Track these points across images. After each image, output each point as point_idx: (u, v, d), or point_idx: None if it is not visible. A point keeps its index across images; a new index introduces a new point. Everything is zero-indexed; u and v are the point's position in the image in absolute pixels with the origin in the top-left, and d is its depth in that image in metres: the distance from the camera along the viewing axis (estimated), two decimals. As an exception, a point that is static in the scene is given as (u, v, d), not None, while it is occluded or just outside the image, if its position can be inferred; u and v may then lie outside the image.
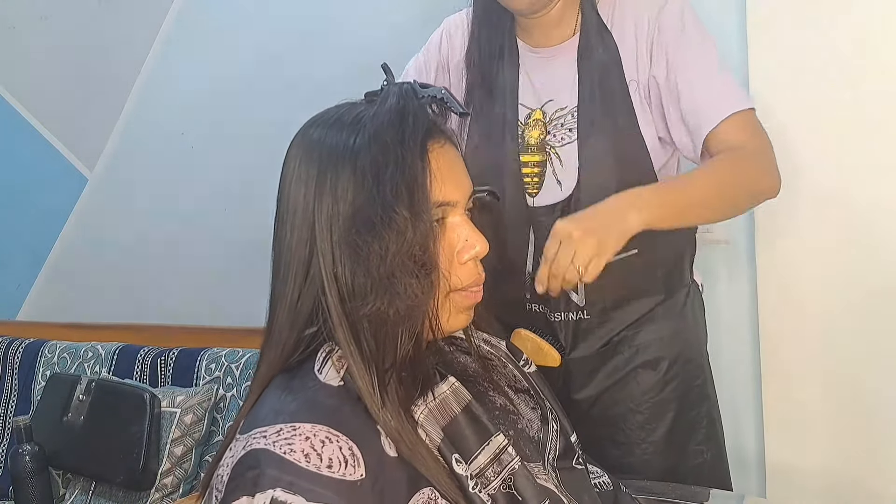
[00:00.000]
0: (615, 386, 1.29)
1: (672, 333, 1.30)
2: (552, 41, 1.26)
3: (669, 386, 1.29)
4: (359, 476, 0.69)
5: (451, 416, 0.79)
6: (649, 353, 1.28)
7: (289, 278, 0.77)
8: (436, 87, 0.82)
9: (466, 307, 0.82)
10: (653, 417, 1.28)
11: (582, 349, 1.28)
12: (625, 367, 1.28)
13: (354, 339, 0.74)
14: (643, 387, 1.28)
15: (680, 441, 1.30)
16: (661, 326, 1.29)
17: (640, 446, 1.28)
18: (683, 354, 1.31)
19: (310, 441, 0.69)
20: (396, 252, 0.72)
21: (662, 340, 1.29)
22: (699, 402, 1.32)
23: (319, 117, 0.81)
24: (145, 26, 2.21)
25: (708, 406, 1.34)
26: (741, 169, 1.15)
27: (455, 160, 0.81)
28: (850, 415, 1.51)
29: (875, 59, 1.43)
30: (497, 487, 0.78)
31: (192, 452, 1.84)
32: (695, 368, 1.32)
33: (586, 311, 1.26)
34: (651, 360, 1.28)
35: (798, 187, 1.49)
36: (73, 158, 2.42)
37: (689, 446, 1.31)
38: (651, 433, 1.28)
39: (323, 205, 0.74)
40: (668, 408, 1.29)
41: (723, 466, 1.36)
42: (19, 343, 2.33)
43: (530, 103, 1.27)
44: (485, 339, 0.93)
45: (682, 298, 1.33)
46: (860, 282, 1.47)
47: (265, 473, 0.67)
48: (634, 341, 1.29)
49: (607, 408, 1.29)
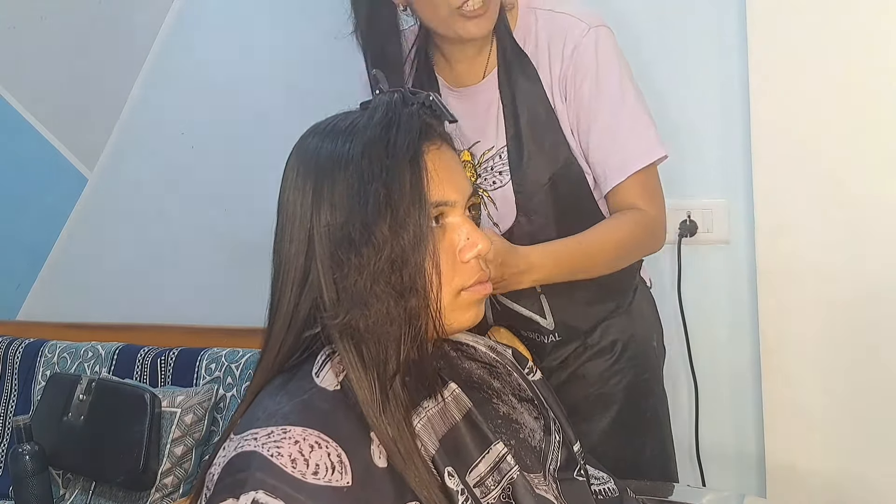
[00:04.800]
0: (566, 381, 1.33)
1: (619, 329, 1.34)
2: (472, 78, 1.24)
3: (615, 378, 1.32)
4: (345, 483, 0.69)
5: (452, 423, 0.80)
6: (597, 348, 1.33)
7: (287, 284, 0.78)
8: (425, 93, 0.82)
9: (475, 302, 0.83)
10: (598, 409, 1.32)
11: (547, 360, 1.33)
12: (574, 361, 1.33)
13: (354, 345, 0.74)
14: (590, 379, 1.33)
15: (623, 434, 1.33)
16: (609, 324, 1.34)
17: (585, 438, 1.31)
18: (629, 349, 1.34)
19: (298, 445, 0.69)
20: (372, 269, 0.73)
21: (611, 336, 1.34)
22: (645, 395, 1.35)
23: (317, 127, 0.82)
24: (145, 26, 2.21)
25: (654, 401, 1.37)
26: (636, 235, 1.22)
27: (452, 161, 0.82)
28: (850, 415, 1.51)
29: (875, 57, 1.43)
30: (497, 497, 0.78)
31: (192, 452, 1.84)
32: (642, 363, 1.35)
33: (556, 333, 1.31)
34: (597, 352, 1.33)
35: (798, 187, 1.49)
36: (73, 158, 2.41)
37: (631, 436, 1.34)
38: (596, 424, 1.32)
39: (321, 213, 0.76)
40: (614, 399, 1.33)
41: (666, 462, 1.39)
42: (19, 343, 2.32)
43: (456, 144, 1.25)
44: (490, 346, 0.93)
45: (630, 296, 1.36)
46: (860, 281, 1.47)
47: (252, 476, 0.68)
48: (587, 340, 1.33)
49: None
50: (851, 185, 1.46)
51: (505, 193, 1.24)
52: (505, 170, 1.23)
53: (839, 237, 1.48)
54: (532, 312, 1.30)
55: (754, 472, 1.66)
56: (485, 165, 1.24)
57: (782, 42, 1.48)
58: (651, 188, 1.22)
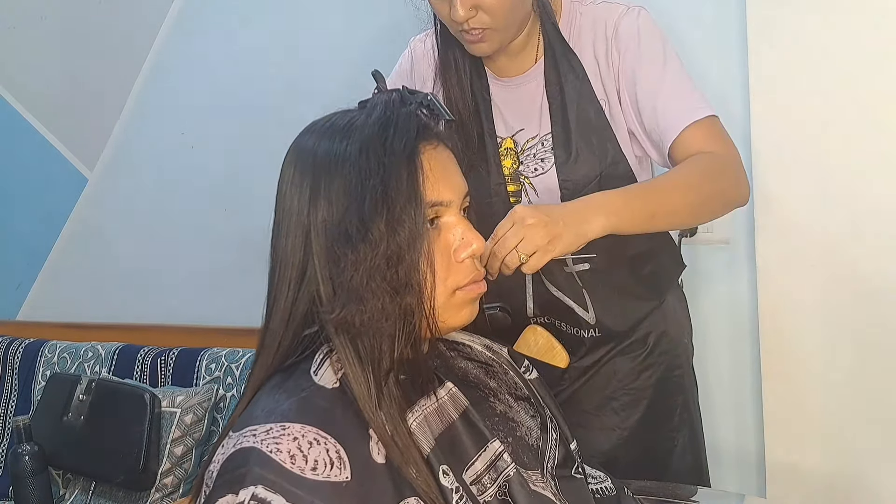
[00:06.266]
0: (594, 375, 1.32)
1: (652, 324, 1.33)
2: (517, 70, 1.24)
3: (645, 374, 1.32)
4: (344, 478, 0.69)
5: (449, 421, 0.80)
6: (629, 342, 1.32)
7: (285, 281, 0.78)
8: (422, 93, 0.83)
9: (469, 301, 0.83)
10: (628, 405, 1.31)
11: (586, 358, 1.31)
12: (607, 356, 1.31)
13: (350, 340, 0.75)
14: (620, 375, 1.31)
15: (652, 428, 1.32)
16: (646, 321, 1.32)
17: (615, 432, 1.31)
18: (661, 345, 1.33)
19: (297, 442, 0.69)
20: (368, 265, 0.73)
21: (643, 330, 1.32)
22: (675, 392, 1.35)
23: (314, 125, 0.82)
24: (145, 26, 2.21)
25: (684, 397, 1.36)
26: (713, 175, 1.12)
27: (448, 161, 0.82)
28: (850, 415, 1.51)
29: (875, 56, 1.43)
30: (493, 494, 0.78)
31: (192, 452, 1.84)
32: (672, 359, 1.35)
33: (597, 328, 1.29)
34: (629, 345, 1.32)
35: (798, 187, 1.49)
36: (73, 158, 2.42)
37: (660, 432, 1.33)
38: (626, 420, 1.31)
39: (318, 210, 0.76)
40: (644, 395, 1.32)
41: (696, 456, 1.38)
42: (19, 343, 2.33)
43: (500, 132, 1.26)
44: (486, 345, 0.93)
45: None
46: (861, 281, 1.47)
47: (251, 471, 0.68)
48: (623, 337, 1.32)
49: (585, 395, 1.31)
50: (851, 185, 1.46)
51: (547, 180, 1.23)
52: (548, 157, 1.22)
53: (839, 237, 1.48)
54: (574, 303, 1.27)
55: (754, 472, 1.66)
56: (527, 153, 1.24)
57: (782, 42, 1.48)
58: (716, 135, 1.14)
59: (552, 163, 1.22)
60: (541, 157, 1.23)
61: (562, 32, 1.22)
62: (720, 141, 1.15)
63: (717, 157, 1.12)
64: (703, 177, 1.10)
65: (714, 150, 1.13)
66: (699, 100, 1.17)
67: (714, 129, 1.15)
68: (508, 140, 1.26)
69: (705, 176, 1.11)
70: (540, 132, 1.24)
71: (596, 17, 1.21)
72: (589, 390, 1.32)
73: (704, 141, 1.13)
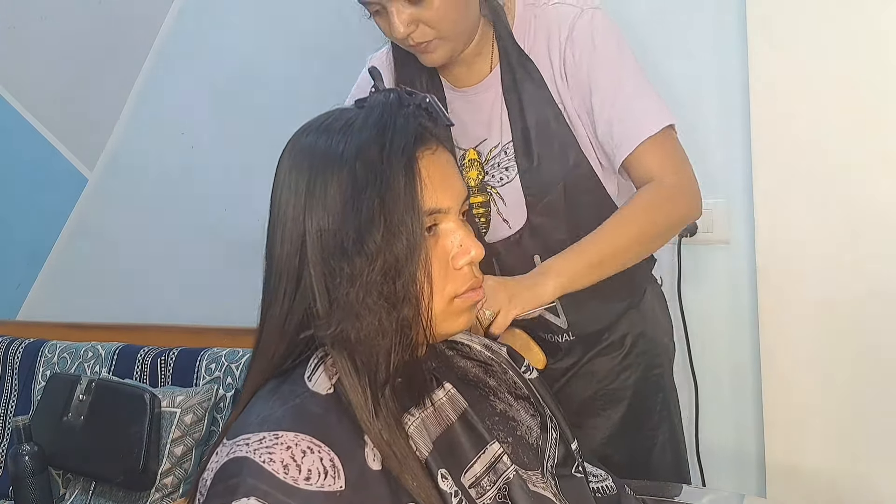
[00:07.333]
0: (574, 377, 1.33)
1: (629, 325, 1.33)
2: (474, 78, 1.23)
3: (624, 374, 1.33)
4: (338, 488, 0.69)
5: (448, 423, 0.79)
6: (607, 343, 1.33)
7: (280, 289, 0.76)
8: (421, 94, 0.80)
9: (466, 308, 0.82)
10: (609, 405, 1.32)
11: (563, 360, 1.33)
12: (584, 357, 1.32)
13: (347, 354, 0.74)
14: (599, 376, 1.32)
15: (633, 427, 1.33)
16: (620, 320, 1.33)
17: (597, 432, 1.32)
18: (639, 345, 1.33)
19: (290, 451, 0.69)
20: (364, 280, 0.72)
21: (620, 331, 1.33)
22: (655, 391, 1.35)
23: (311, 124, 0.80)
24: (145, 26, 2.21)
25: (664, 395, 1.36)
26: (659, 209, 1.13)
27: (447, 166, 0.80)
28: (850, 415, 1.51)
29: (875, 56, 1.43)
30: (493, 497, 0.78)
31: (192, 452, 1.84)
32: (651, 359, 1.35)
33: (570, 332, 1.30)
34: (607, 347, 1.32)
35: (798, 187, 1.49)
36: (73, 158, 2.42)
37: (641, 431, 1.34)
38: (607, 420, 1.32)
39: (314, 217, 0.74)
40: (624, 395, 1.33)
41: (676, 452, 1.38)
42: (19, 343, 2.33)
43: (463, 143, 1.25)
44: (485, 345, 0.92)
45: (641, 294, 1.36)
46: (860, 281, 1.47)
47: (244, 482, 0.67)
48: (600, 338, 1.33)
49: (565, 397, 1.31)
50: (851, 185, 1.46)
51: (513, 189, 1.22)
52: (511, 165, 1.22)
53: (839, 237, 1.48)
54: (544, 309, 1.27)
55: (754, 472, 1.66)
56: (492, 162, 1.24)
57: (782, 42, 1.48)
58: (668, 153, 1.15)
59: (516, 171, 1.21)
60: (505, 166, 1.22)
61: (517, 38, 1.19)
62: (671, 160, 1.15)
63: (663, 189, 1.13)
64: (648, 211, 1.13)
65: (664, 171, 1.14)
66: (652, 110, 1.15)
67: (667, 146, 1.15)
68: (472, 151, 1.24)
69: (651, 210, 1.13)
70: (502, 140, 1.22)
71: (550, 21, 1.18)
72: (570, 392, 1.32)
73: (654, 162, 1.14)
